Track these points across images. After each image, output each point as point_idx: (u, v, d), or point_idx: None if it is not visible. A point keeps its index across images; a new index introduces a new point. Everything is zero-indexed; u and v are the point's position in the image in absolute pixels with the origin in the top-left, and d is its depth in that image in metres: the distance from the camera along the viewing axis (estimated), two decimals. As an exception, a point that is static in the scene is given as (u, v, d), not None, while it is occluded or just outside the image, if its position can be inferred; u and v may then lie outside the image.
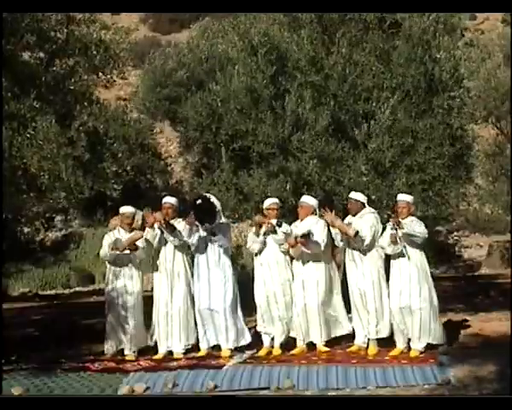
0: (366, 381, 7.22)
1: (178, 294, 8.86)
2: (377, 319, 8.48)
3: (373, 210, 8.72)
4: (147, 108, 11.57)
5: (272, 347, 8.77)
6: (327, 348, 8.59)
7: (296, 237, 8.54)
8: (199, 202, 8.75)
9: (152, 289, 9.25)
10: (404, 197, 8.52)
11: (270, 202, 8.93)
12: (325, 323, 8.64)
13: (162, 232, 8.88)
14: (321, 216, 8.71)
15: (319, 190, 9.36)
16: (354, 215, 8.63)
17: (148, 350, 8.95)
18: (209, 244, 8.83)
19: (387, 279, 8.55)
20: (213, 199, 8.84)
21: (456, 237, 18.70)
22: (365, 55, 9.49)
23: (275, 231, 8.68)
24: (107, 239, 9.06)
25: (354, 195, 8.71)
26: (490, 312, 10.76)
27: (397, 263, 8.42)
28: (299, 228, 8.69)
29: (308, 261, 8.69)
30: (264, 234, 8.77)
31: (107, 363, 8.57)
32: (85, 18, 9.27)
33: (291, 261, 8.89)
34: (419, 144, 9.45)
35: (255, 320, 9.01)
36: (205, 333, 8.78)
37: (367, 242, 8.46)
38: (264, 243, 8.81)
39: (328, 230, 8.70)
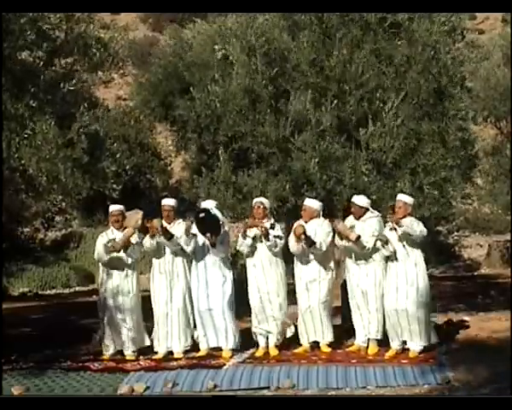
0: (366, 381, 7.23)
1: (178, 294, 8.84)
2: (378, 318, 8.48)
3: (376, 213, 8.68)
4: (145, 114, 11.61)
5: (268, 347, 8.75)
6: (329, 349, 8.60)
7: (302, 233, 8.50)
8: (202, 215, 8.68)
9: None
10: (401, 197, 8.48)
11: (255, 201, 8.88)
12: (329, 323, 8.67)
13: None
14: (325, 216, 8.71)
15: (320, 189, 9.34)
16: (357, 219, 8.62)
17: (148, 350, 8.95)
18: (206, 246, 8.80)
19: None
20: (215, 211, 8.73)
21: (456, 237, 18.70)
22: (366, 55, 9.48)
23: (267, 235, 8.61)
24: (101, 240, 8.98)
25: (358, 200, 8.65)
26: (490, 311, 10.77)
27: (394, 264, 8.39)
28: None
29: (310, 263, 8.69)
30: (254, 238, 8.72)
31: (107, 363, 8.57)
32: (84, 17, 9.25)
33: (287, 264, 8.88)
34: (424, 146, 9.43)
35: (248, 321, 8.99)
36: (205, 334, 8.77)
37: (369, 246, 8.44)
38: (255, 245, 8.74)
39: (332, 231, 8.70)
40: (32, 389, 7.48)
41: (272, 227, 8.62)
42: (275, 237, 8.60)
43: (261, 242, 8.68)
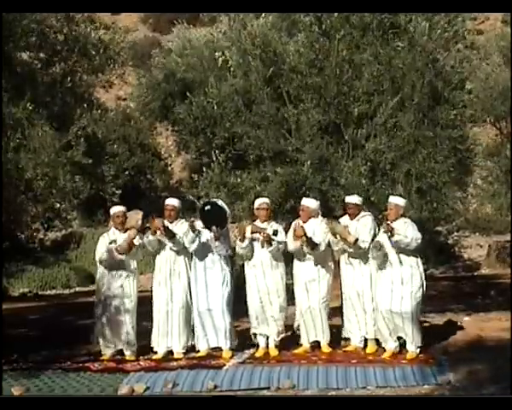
0: (366, 381, 7.24)
1: (179, 293, 8.84)
2: (375, 318, 8.47)
3: (368, 212, 8.68)
4: (146, 115, 11.64)
5: (268, 347, 8.73)
6: (329, 349, 8.60)
7: (303, 235, 8.50)
8: (208, 207, 8.67)
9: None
10: (392, 199, 8.39)
11: (259, 201, 8.87)
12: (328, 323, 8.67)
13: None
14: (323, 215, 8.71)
15: (316, 190, 9.34)
16: (352, 218, 8.61)
17: (148, 350, 8.95)
18: (207, 246, 8.80)
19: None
20: (222, 203, 8.74)
21: (455, 238, 18.68)
22: (365, 57, 9.48)
23: (270, 242, 8.58)
24: (102, 241, 8.96)
25: (353, 199, 8.63)
26: (489, 312, 10.77)
27: (388, 266, 8.26)
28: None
29: (309, 263, 8.68)
30: (253, 240, 8.66)
31: (108, 363, 8.57)
32: (85, 18, 9.26)
33: (286, 264, 8.88)
34: (420, 151, 9.43)
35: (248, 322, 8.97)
36: (205, 335, 8.76)
37: (366, 245, 8.43)
38: (253, 247, 8.70)
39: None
40: (32, 389, 7.48)
41: (275, 233, 8.60)
42: (278, 243, 8.60)
43: (262, 247, 8.67)
